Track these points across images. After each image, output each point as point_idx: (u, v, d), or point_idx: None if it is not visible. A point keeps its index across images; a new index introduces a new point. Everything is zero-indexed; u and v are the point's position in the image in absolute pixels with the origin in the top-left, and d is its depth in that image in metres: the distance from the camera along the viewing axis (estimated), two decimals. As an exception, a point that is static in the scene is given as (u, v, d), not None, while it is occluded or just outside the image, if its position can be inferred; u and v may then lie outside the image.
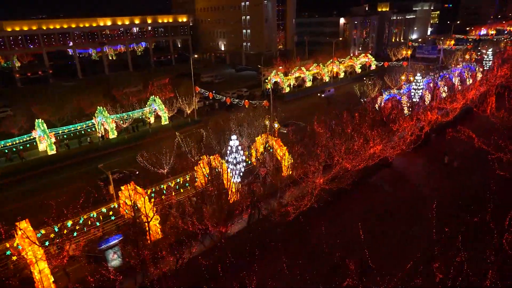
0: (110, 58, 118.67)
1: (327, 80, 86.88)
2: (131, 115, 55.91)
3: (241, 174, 33.00)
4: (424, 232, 23.92)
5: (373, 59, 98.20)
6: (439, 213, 24.44)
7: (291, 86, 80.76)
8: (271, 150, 40.86)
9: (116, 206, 30.67)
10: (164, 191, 32.88)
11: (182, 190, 33.40)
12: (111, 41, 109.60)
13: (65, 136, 50.73)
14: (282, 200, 28.57)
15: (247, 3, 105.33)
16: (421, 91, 57.64)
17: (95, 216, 29.05)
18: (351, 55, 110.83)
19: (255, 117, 45.49)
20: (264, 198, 29.60)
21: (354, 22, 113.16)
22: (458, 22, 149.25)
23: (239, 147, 32.21)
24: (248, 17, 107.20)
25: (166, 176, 36.83)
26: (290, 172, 38.18)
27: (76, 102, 56.29)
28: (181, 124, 58.91)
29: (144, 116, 56.73)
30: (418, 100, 57.31)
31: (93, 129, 52.82)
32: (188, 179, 34.59)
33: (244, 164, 32.89)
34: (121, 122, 53.77)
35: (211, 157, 36.02)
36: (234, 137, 31.95)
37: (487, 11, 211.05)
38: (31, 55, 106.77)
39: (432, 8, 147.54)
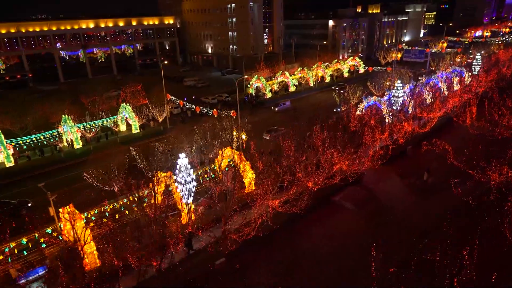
0: (100, 60, 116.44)
1: (311, 84, 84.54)
2: (99, 123, 53.72)
3: (192, 194, 30.72)
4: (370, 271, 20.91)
5: (362, 62, 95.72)
6: (393, 246, 22.12)
7: (274, 91, 78.39)
8: (233, 165, 38.61)
9: (50, 232, 28.31)
10: (107, 214, 30.50)
11: (127, 212, 30.98)
12: (94, 44, 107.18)
13: (24, 147, 48.33)
14: (229, 226, 26.19)
15: (233, 5, 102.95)
16: (401, 98, 55.28)
17: (24, 242, 26.70)
18: (340, 58, 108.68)
19: (221, 128, 43.36)
20: (209, 223, 27.17)
21: (342, 24, 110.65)
22: (450, 24, 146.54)
23: (189, 166, 29.93)
24: (234, 19, 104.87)
25: (119, 194, 34.44)
26: (254, 188, 36.04)
27: (41, 109, 53.92)
28: (152, 132, 56.65)
29: (112, 125, 54.34)
30: (398, 108, 55.03)
31: (56, 139, 50.34)
32: (136, 199, 32.15)
33: (195, 184, 30.56)
34: (87, 131, 51.48)
35: (163, 174, 33.86)
36: (182, 155, 29.63)
37: (484, 12, 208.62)
38: (18, 57, 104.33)
39: (425, 9, 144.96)
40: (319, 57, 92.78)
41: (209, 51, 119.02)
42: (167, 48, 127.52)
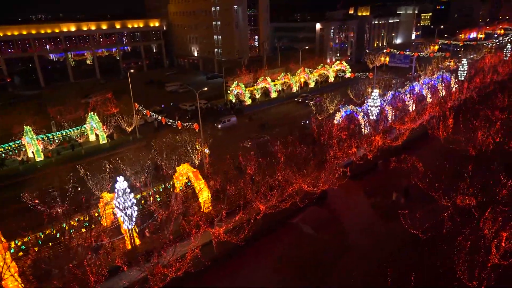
0: (89, 62, 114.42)
1: (294, 90, 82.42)
2: (65, 133, 51.76)
3: (133, 219, 28.72)
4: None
5: (348, 67, 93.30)
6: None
7: (255, 98, 76.33)
8: (189, 183, 36.61)
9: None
10: (40, 242, 28.47)
11: (63, 239, 28.91)
12: (76, 47, 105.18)
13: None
14: (163, 259, 24.13)
15: (218, 8, 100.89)
16: (378, 108, 53.24)
17: None
18: (328, 62, 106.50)
19: (181, 143, 41.36)
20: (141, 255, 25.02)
21: (330, 27, 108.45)
22: (442, 27, 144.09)
23: (128, 190, 27.92)
24: (219, 22, 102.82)
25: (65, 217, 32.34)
26: (210, 208, 34.09)
27: (2, 119, 51.94)
28: (120, 143, 54.62)
29: (78, 136, 52.26)
30: (374, 118, 53.02)
31: (16, 151, 48.25)
32: (75, 223, 30.20)
33: (136, 208, 28.55)
34: (49, 143, 49.49)
35: (109, 195, 31.93)
36: (120, 178, 27.60)
37: (479, 14, 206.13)
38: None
39: (416, 11, 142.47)
40: (305, 61, 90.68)
41: (195, 54, 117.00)
42: (154, 50, 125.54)
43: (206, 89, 57.01)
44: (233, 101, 73.93)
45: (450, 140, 41.99)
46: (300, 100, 75.07)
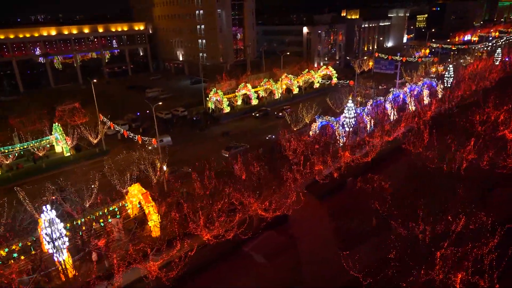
0: (75, 66, 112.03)
1: (277, 97, 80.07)
2: (26, 146, 49.44)
3: (64, 250, 26.42)
4: None
5: (334, 72, 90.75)
6: None
7: (235, 105, 74.04)
8: (139, 205, 34.33)
9: None
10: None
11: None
12: (56, 51, 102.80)
13: None
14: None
15: (201, 11, 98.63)
16: (353, 120, 50.94)
17: None
18: (316, 66, 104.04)
19: (138, 159, 39.16)
20: None
21: (317, 31, 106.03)
22: (433, 29, 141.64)
23: (56, 220, 25.59)
24: (203, 26, 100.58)
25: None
26: (159, 234, 31.82)
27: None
28: (86, 155, 52.28)
29: (39, 149, 49.84)
30: (350, 130, 50.78)
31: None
32: (4, 254, 27.87)
33: (67, 239, 26.24)
34: (8, 156, 47.24)
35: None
36: (47, 207, 25.26)
37: (475, 15, 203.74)
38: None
39: (407, 14, 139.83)
40: (290, 66, 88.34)
41: (181, 58, 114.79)
42: (141, 54, 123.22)
43: (160, 103, 55.36)
44: (211, 109, 71.54)
45: (423, 157, 39.60)
46: (258, 115, 68.57)
